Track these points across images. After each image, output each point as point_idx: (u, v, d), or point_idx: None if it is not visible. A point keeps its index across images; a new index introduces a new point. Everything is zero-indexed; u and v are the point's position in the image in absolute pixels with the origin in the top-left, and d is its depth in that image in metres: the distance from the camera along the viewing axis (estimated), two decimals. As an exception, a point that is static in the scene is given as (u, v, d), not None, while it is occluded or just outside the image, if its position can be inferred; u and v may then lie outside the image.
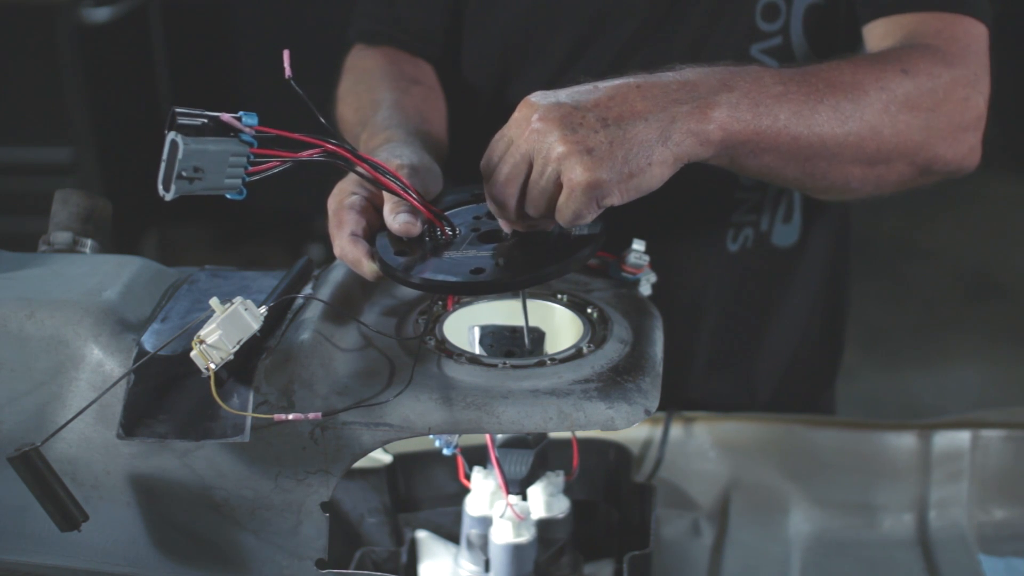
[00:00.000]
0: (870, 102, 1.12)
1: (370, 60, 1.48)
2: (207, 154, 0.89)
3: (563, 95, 1.01)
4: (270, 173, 0.94)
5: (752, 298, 1.51)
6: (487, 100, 1.48)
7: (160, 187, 0.89)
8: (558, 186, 0.98)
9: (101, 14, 3.43)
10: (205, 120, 0.89)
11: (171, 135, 0.88)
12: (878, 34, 1.28)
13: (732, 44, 1.37)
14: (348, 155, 0.98)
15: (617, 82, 1.03)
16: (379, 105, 1.33)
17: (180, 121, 0.88)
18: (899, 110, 1.14)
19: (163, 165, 0.89)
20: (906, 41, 1.24)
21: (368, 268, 1.04)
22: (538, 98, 1.00)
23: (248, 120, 0.91)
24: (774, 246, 1.48)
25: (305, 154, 0.96)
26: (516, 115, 1.01)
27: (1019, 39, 4.28)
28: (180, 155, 0.88)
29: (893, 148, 1.15)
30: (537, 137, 0.98)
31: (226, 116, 0.90)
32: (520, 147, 0.99)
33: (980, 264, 4.28)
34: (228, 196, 0.93)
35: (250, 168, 0.92)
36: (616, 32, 1.05)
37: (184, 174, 0.88)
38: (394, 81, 1.41)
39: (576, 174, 0.97)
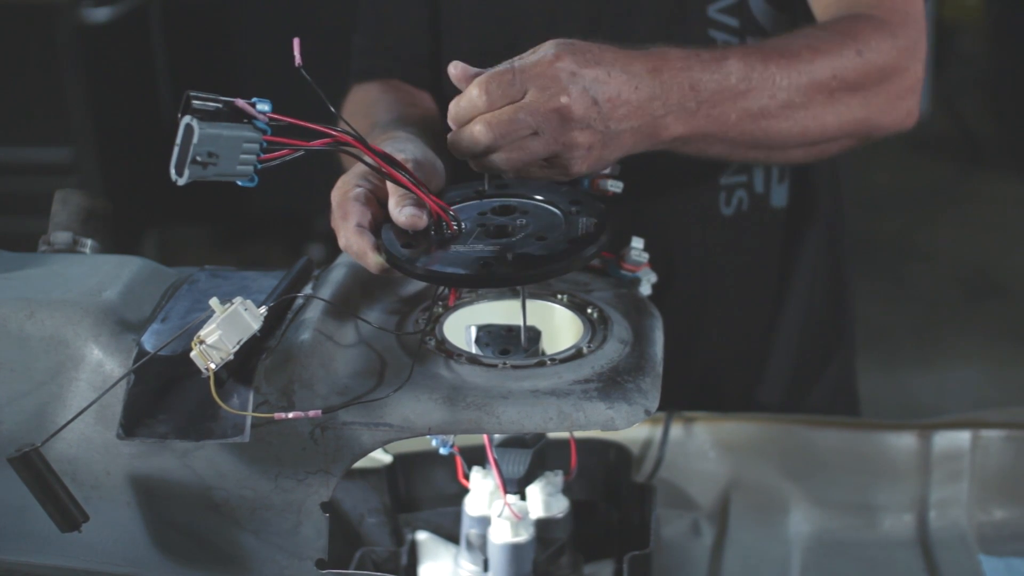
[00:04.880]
0: (822, 100, 1.20)
1: (365, 92, 1.49)
2: (221, 139, 0.88)
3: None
4: (281, 161, 0.93)
5: (755, 261, 1.51)
6: None
7: (173, 171, 0.88)
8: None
9: (101, 14, 3.44)
10: (219, 105, 0.89)
11: (186, 119, 0.87)
12: (823, 3, 1.34)
13: (691, 4, 1.40)
14: (359, 145, 0.97)
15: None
16: (378, 123, 1.34)
17: (195, 105, 0.87)
18: (844, 94, 1.21)
19: (176, 149, 0.88)
20: (850, 9, 1.28)
21: (373, 260, 1.03)
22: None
23: (262, 107, 0.91)
24: (771, 207, 1.49)
25: (317, 143, 0.95)
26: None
27: (1019, 39, 4.29)
28: (195, 139, 0.87)
29: (837, 130, 1.23)
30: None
31: (240, 102, 0.90)
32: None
33: (980, 264, 4.28)
34: (239, 183, 0.92)
35: (262, 155, 0.92)
36: (580, 8, 1.10)
37: (198, 159, 0.87)
38: (391, 104, 1.42)
39: (582, 141, 1.05)
